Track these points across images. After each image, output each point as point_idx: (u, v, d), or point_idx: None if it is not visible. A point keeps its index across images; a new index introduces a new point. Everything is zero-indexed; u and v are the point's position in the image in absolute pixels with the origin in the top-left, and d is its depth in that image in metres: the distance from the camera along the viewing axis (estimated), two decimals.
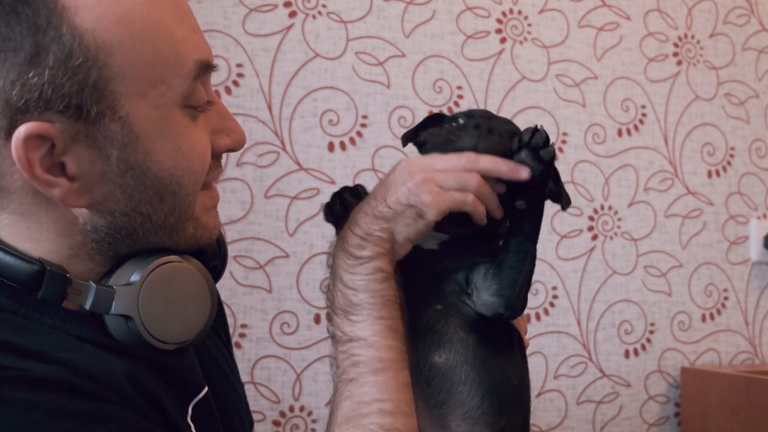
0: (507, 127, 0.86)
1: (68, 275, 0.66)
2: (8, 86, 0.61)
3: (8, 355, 0.60)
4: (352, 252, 0.80)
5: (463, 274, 0.84)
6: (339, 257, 0.81)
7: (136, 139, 0.65)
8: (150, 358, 0.70)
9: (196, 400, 0.74)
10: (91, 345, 0.66)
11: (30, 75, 0.61)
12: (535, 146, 0.80)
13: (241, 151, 1.57)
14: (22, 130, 0.61)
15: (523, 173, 0.81)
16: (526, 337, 0.95)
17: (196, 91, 0.68)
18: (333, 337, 0.80)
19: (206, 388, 0.76)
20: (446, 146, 0.84)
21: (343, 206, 0.86)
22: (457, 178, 0.80)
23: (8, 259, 0.65)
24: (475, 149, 0.82)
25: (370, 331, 0.77)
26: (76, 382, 0.60)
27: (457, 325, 0.83)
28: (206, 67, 0.69)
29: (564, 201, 0.91)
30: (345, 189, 0.88)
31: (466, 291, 0.84)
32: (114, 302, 0.67)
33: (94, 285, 0.67)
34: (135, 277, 0.68)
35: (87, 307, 0.67)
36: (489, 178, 0.82)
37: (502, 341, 0.86)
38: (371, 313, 0.77)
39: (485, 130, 0.83)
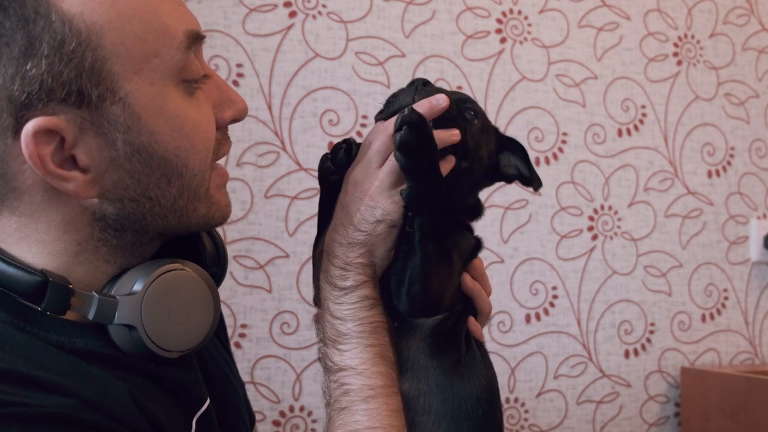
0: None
1: (71, 286, 0.66)
2: (8, 82, 0.61)
3: (14, 387, 0.59)
4: (335, 283, 0.80)
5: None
6: (325, 289, 0.81)
7: (138, 120, 0.65)
8: (154, 372, 0.70)
9: (199, 413, 0.74)
10: (97, 365, 0.66)
11: (28, 67, 0.61)
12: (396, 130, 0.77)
13: (241, 151, 1.58)
14: (30, 126, 0.61)
15: (436, 100, 0.80)
16: (482, 336, 0.92)
17: (190, 63, 0.68)
18: (324, 366, 0.80)
19: (208, 401, 0.76)
20: (386, 111, 0.84)
21: (347, 154, 0.84)
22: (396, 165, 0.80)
23: (11, 270, 0.65)
24: (412, 103, 0.81)
25: (359, 360, 0.77)
26: (80, 416, 0.60)
27: (417, 349, 0.81)
28: (196, 37, 0.69)
29: (535, 183, 0.90)
30: (347, 141, 0.87)
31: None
32: (117, 312, 0.67)
33: (97, 295, 0.67)
34: (137, 287, 0.68)
35: (90, 317, 0.67)
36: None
37: (463, 360, 0.84)
38: (360, 341, 0.78)
39: (420, 83, 0.83)
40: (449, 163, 0.83)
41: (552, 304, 1.79)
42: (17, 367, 0.60)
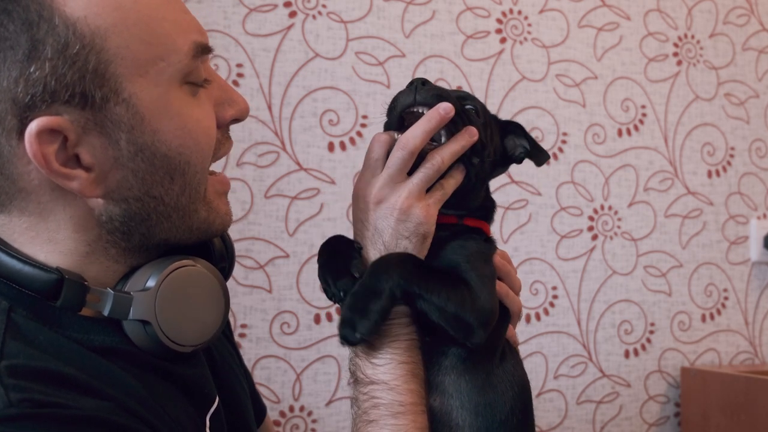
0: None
1: (86, 283, 0.67)
2: (12, 84, 0.62)
3: (48, 387, 0.60)
4: None
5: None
6: None
7: (142, 120, 0.66)
8: (168, 370, 0.71)
9: (211, 411, 0.76)
10: (115, 363, 0.66)
11: (31, 70, 0.61)
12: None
13: (241, 151, 1.58)
14: (33, 126, 0.62)
15: (444, 110, 0.80)
16: (516, 338, 0.92)
17: (195, 70, 0.69)
18: (354, 378, 0.81)
19: (218, 400, 0.77)
20: (391, 115, 0.85)
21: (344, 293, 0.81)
22: (427, 175, 0.81)
23: (27, 269, 0.66)
24: (413, 104, 0.82)
25: (392, 375, 0.78)
26: (115, 420, 0.61)
27: (447, 366, 0.82)
28: (204, 49, 0.70)
29: (541, 156, 0.90)
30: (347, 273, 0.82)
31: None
32: (132, 308, 0.68)
33: (113, 291, 0.68)
34: (151, 282, 0.69)
35: (106, 313, 0.68)
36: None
37: (493, 371, 0.84)
38: (394, 357, 0.78)
39: (419, 83, 0.83)
40: (460, 173, 0.84)
41: (552, 304, 1.79)
42: (49, 365, 0.61)
